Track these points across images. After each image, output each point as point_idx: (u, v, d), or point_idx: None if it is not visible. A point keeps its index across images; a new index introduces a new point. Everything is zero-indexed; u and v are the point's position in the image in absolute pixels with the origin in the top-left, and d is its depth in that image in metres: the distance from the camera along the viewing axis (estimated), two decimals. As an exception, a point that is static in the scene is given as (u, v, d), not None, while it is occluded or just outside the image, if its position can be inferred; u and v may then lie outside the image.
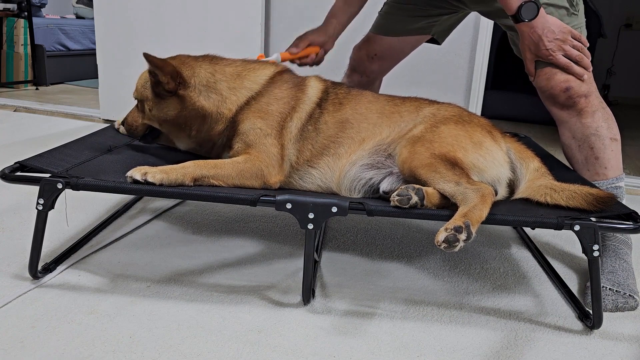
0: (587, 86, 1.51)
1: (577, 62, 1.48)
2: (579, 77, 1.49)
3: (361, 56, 1.96)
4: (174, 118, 1.49)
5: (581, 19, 1.57)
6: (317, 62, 1.85)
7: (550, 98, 1.56)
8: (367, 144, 1.45)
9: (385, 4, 1.86)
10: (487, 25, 2.80)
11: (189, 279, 1.45)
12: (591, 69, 1.51)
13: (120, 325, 1.22)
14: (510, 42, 1.72)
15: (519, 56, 1.69)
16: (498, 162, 1.39)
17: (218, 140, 1.52)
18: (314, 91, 1.53)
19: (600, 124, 1.53)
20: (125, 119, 1.61)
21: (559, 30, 1.46)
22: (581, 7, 1.57)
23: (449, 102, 1.55)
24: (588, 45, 1.50)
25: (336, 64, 2.38)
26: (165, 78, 1.43)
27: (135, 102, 1.58)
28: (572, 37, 1.47)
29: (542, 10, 1.43)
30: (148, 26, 3.22)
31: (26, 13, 4.57)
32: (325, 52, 1.86)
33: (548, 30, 1.45)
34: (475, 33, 2.81)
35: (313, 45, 1.77)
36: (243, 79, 1.51)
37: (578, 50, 1.48)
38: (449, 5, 1.80)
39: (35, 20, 4.72)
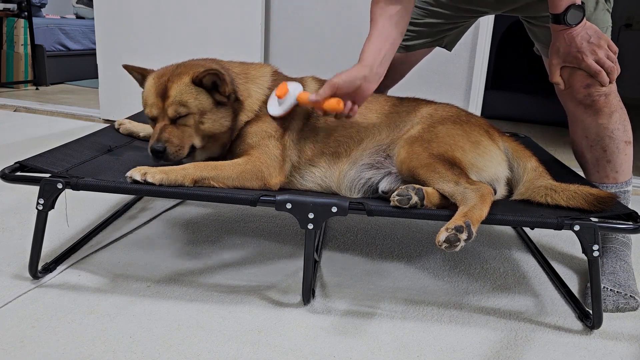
0: (608, 85, 1.43)
1: (607, 73, 1.39)
2: (603, 85, 1.41)
3: None
4: (226, 129, 1.43)
5: (610, 20, 1.50)
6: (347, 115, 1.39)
7: (568, 93, 1.48)
8: (367, 143, 1.45)
9: None
10: (487, 26, 2.80)
11: (189, 279, 1.45)
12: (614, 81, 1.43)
13: (120, 325, 1.22)
14: (529, 32, 1.65)
15: (537, 51, 1.64)
16: (496, 161, 1.39)
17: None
18: (312, 90, 1.53)
19: (617, 126, 1.48)
20: (167, 141, 1.36)
21: (596, 35, 1.36)
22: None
23: (447, 103, 1.55)
24: (617, 52, 1.41)
25: (343, 67, 2.37)
26: (223, 88, 1.38)
27: (165, 120, 1.39)
28: (607, 46, 1.37)
29: (585, 18, 1.35)
30: (148, 26, 3.22)
31: (26, 13, 4.57)
32: (364, 95, 1.36)
33: (584, 33, 1.35)
34: (475, 33, 2.80)
35: (340, 92, 1.32)
36: (255, 79, 1.51)
37: (612, 62, 1.38)
38: (471, 15, 1.73)
39: (35, 20, 4.72)
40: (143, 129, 1.77)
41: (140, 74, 1.50)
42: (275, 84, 1.51)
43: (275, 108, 1.45)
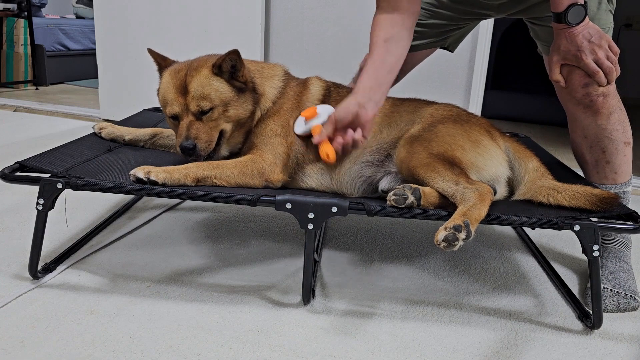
0: (605, 85, 1.42)
1: (605, 73, 1.38)
2: (600, 85, 1.40)
3: None
4: (249, 115, 1.45)
5: (612, 21, 1.50)
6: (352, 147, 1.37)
7: (567, 93, 1.47)
8: (368, 141, 1.45)
9: None
10: (487, 26, 2.80)
11: (189, 279, 1.45)
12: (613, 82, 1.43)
13: (120, 325, 1.22)
14: (531, 31, 1.65)
15: (541, 52, 1.63)
16: (497, 160, 1.39)
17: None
18: (316, 89, 1.54)
19: (616, 127, 1.47)
20: (196, 137, 1.36)
21: (597, 34, 1.35)
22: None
23: (448, 103, 1.55)
24: (619, 53, 1.39)
25: (343, 67, 2.37)
26: (241, 71, 1.41)
27: (189, 116, 1.38)
28: (608, 47, 1.36)
29: (587, 18, 1.34)
30: (148, 26, 3.22)
31: (26, 13, 4.57)
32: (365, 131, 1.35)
33: (585, 32, 1.34)
34: (475, 33, 2.80)
35: (341, 124, 1.35)
36: (269, 77, 1.53)
37: (611, 63, 1.36)
38: (474, 17, 1.72)
39: (35, 20, 4.72)
40: (128, 133, 1.69)
41: (159, 63, 1.49)
42: (286, 84, 1.53)
43: (300, 127, 1.45)
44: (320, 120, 1.42)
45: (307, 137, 1.47)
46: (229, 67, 1.40)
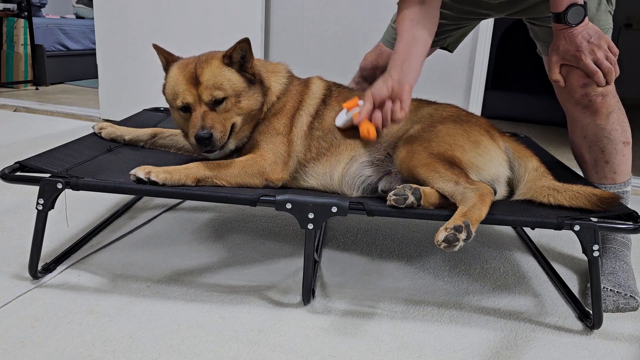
0: (604, 85, 1.42)
1: (604, 74, 1.38)
2: (599, 85, 1.40)
3: (373, 68, 1.90)
4: (260, 107, 1.45)
5: (611, 22, 1.50)
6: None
7: (566, 93, 1.48)
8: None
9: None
10: (487, 26, 2.80)
11: (189, 279, 1.45)
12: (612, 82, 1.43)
13: (120, 325, 1.22)
14: (530, 32, 1.65)
15: (540, 53, 1.64)
16: (497, 160, 1.39)
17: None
18: (317, 88, 1.55)
19: (615, 127, 1.47)
20: (212, 127, 1.34)
21: (597, 35, 1.35)
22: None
23: (448, 103, 1.55)
24: (618, 54, 1.40)
25: (343, 67, 2.36)
26: (250, 62, 1.41)
27: (203, 107, 1.37)
28: (607, 48, 1.36)
29: (587, 18, 1.34)
30: (148, 26, 3.22)
31: (26, 13, 4.57)
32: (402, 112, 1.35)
33: (585, 33, 1.35)
34: (475, 33, 2.80)
35: (377, 100, 1.36)
36: (275, 72, 1.54)
37: (610, 64, 1.37)
38: (474, 17, 1.72)
39: (35, 20, 4.72)
40: (128, 133, 1.69)
41: (165, 59, 1.49)
42: (290, 82, 1.54)
43: (341, 119, 1.45)
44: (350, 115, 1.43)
45: (307, 137, 1.47)
46: (239, 57, 1.40)
